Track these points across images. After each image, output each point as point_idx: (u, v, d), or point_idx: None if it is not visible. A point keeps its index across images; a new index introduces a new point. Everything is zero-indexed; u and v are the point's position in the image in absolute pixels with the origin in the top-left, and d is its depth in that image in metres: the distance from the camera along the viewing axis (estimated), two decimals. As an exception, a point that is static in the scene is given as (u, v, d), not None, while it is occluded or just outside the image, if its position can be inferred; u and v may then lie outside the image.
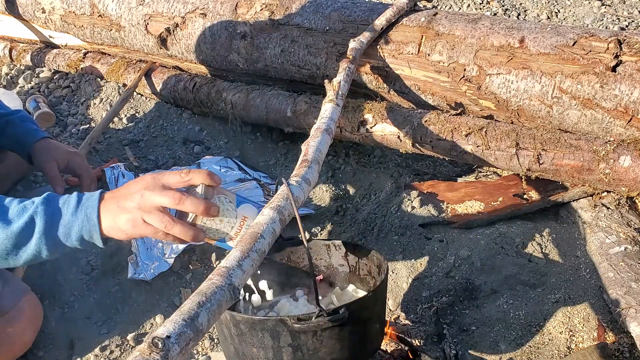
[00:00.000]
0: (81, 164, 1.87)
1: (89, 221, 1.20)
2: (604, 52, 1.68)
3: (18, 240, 1.21)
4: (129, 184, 1.21)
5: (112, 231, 1.21)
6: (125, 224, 1.18)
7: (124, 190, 1.20)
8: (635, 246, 1.67)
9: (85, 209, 1.20)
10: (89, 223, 1.20)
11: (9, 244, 1.21)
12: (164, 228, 1.16)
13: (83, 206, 1.21)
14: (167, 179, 1.19)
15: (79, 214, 1.20)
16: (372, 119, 2.00)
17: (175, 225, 1.17)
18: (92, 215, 1.19)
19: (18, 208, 1.22)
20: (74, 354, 1.69)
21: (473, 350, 1.60)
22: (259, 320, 1.25)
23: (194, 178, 1.19)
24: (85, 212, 1.20)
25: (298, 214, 1.20)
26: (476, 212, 1.93)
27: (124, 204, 1.18)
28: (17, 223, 1.20)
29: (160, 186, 1.18)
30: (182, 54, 2.42)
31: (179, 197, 1.16)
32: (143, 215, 1.17)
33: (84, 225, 1.20)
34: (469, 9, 3.50)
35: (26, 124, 1.86)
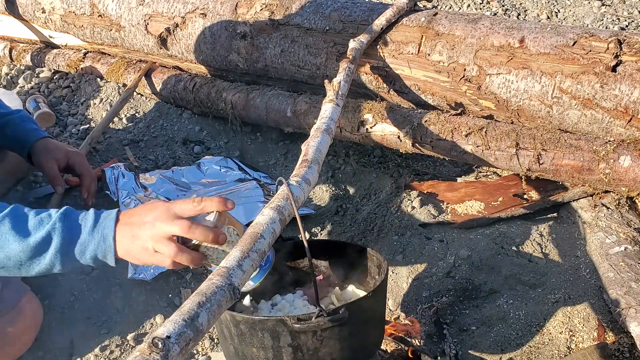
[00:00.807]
0: (81, 163, 1.87)
1: (105, 242, 1.22)
2: (604, 52, 1.68)
3: (33, 253, 1.22)
4: (143, 210, 1.22)
5: (126, 256, 1.23)
6: (139, 253, 1.21)
7: (138, 218, 1.21)
8: (635, 246, 1.67)
9: (102, 229, 1.22)
10: (104, 244, 1.22)
11: (23, 256, 1.22)
12: (172, 257, 1.18)
13: (100, 226, 1.23)
14: (179, 208, 1.20)
15: (95, 234, 1.22)
16: (372, 119, 2.00)
17: (182, 254, 1.18)
18: (108, 237, 1.21)
19: (35, 221, 1.23)
20: (74, 354, 1.69)
21: (473, 350, 1.60)
22: (259, 321, 1.25)
23: (207, 206, 1.20)
24: (102, 233, 1.22)
25: (298, 214, 1.20)
26: (476, 212, 1.93)
27: (138, 233, 1.20)
28: (34, 237, 1.21)
29: (172, 215, 1.19)
30: (182, 54, 2.42)
31: (188, 226, 1.17)
32: (154, 245, 1.19)
33: (100, 246, 1.22)
34: (469, 9, 3.50)
35: (26, 123, 1.86)
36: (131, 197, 2.02)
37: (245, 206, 1.99)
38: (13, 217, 1.23)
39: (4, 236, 1.20)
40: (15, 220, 1.22)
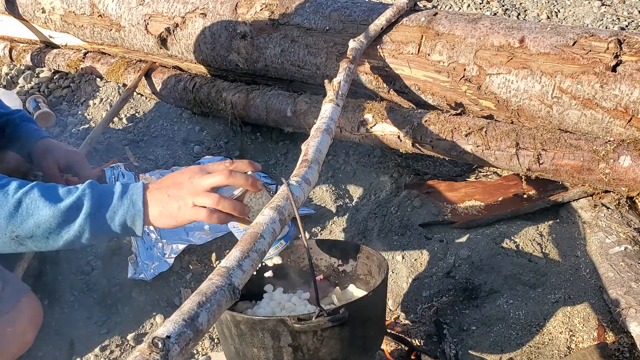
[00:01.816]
0: (81, 163, 1.87)
1: (135, 207, 1.23)
2: (604, 52, 1.68)
3: (64, 219, 1.22)
4: (173, 175, 1.26)
5: (161, 219, 1.24)
6: (177, 210, 1.23)
7: (170, 180, 1.25)
8: (635, 246, 1.67)
9: (131, 196, 1.24)
10: (134, 208, 1.23)
11: (53, 222, 1.22)
12: (214, 205, 1.22)
13: (129, 193, 1.25)
14: (211, 167, 1.26)
15: (124, 200, 1.24)
16: (372, 119, 2.00)
17: (224, 200, 1.22)
18: (137, 202, 1.23)
19: (64, 190, 1.25)
20: (74, 354, 1.69)
21: (473, 350, 1.60)
22: (259, 321, 1.25)
23: (238, 166, 1.25)
24: (131, 199, 1.24)
25: (298, 214, 1.20)
26: (476, 212, 1.93)
27: (174, 192, 1.23)
28: (65, 202, 1.22)
29: (206, 171, 1.24)
30: (182, 54, 2.42)
31: (228, 172, 1.22)
32: (194, 200, 1.22)
33: (129, 210, 1.23)
34: (469, 9, 3.50)
35: (26, 123, 1.86)
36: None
37: (245, 206, 1.99)
38: (42, 186, 1.24)
39: (34, 202, 1.21)
40: (45, 189, 1.24)
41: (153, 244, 1.88)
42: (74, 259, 1.88)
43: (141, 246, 1.87)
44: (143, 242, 1.88)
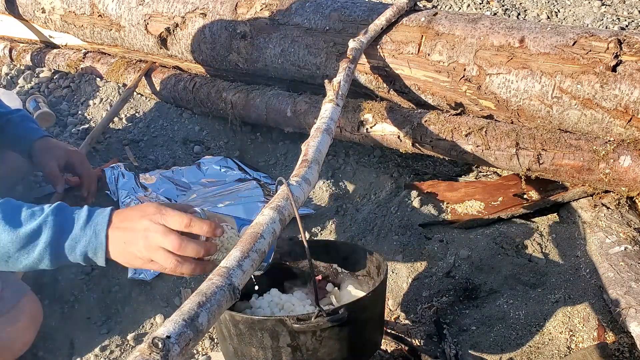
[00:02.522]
0: (81, 162, 1.87)
1: (97, 239, 1.20)
2: (604, 52, 1.68)
3: (23, 244, 1.20)
4: (135, 216, 1.20)
5: (119, 259, 1.21)
6: (133, 260, 1.20)
7: (130, 224, 1.19)
8: (635, 246, 1.67)
9: (95, 226, 1.20)
10: (96, 240, 1.20)
11: (12, 248, 1.20)
12: (172, 269, 1.17)
13: (93, 222, 1.21)
14: (171, 221, 1.18)
15: (87, 230, 1.20)
16: (372, 119, 2.00)
17: (182, 264, 1.17)
18: (100, 234, 1.20)
19: (27, 213, 1.21)
20: (74, 354, 1.69)
21: (473, 350, 1.60)
22: (258, 321, 1.25)
23: (196, 228, 1.18)
24: (95, 229, 1.20)
25: (298, 214, 1.19)
26: (476, 212, 1.93)
27: (131, 241, 1.19)
28: (25, 227, 1.19)
29: (162, 228, 1.17)
30: (182, 54, 2.42)
31: (179, 244, 1.16)
32: (150, 255, 1.18)
33: (91, 242, 1.20)
34: (469, 9, 3.50)
35: (26, 122, 1.86)
36: (131, 197, 2.02)
37: (245, 206, 1.99)
38: (4, 208, 1.21)
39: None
40: (6, 211, 1.20)
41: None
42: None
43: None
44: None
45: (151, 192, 2.08)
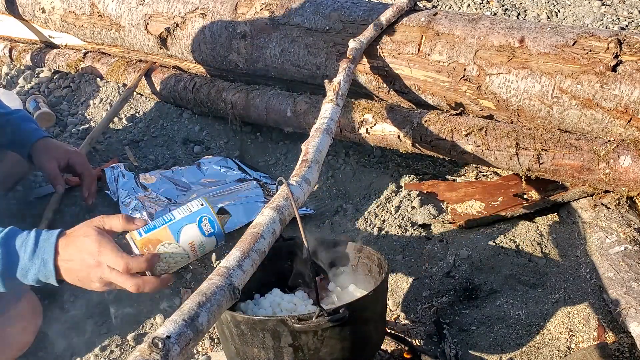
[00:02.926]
0: (82, 163, 1.87)
1: (46, 268, 1.22)
2: (604, 52, 1.68)
3: None
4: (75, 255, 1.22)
5: (76, 284, 1.25)
6: (90, 286, 1.25)
7: (74, 264, 1.22)
8: (635, 246, 1.67)
9: (42, 255, 1.22)
10: (45, 269, 1.23)
11: None
12: (137, 290, 1.21)
13: (39, 252, 1.23)
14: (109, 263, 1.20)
15: (35, 260, 1.22)
16: (372, 119, 2.00)
17: (145, 285, 1.21)
18: (48, 263, 1.22)
19: None
20: (74, 354, 1.69)
21: (473, 350, 1.60)
22: (259, 321, 1.25)
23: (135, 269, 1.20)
24: (42, 258, 1.22)
25: (298, 214, 1.20)
26: (476, 212, 1.93)
27: (83, 278, 1.23)
28: None
29: (104, 266, 1.20)
30: (182, 54, 2.42)
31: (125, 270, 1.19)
32: (109, 283, 1.22)
33: (41, 270, 1.23)
34: (469, 9, 3.50)
35: (26, 123, 1.86)
36: (131, 197, 2.02)
37: (245, 206, 1.99)
38: None
39: None
40: None
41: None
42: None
43: (141, 246, 1.87)
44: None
45: (151, 192, 2.08)
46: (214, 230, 1.23)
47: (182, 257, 1.24)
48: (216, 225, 1.23)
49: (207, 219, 1.23)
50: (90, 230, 1.22)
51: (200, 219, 1.22)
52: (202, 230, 1.23)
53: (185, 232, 1.22)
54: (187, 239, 1.22)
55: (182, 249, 1.22)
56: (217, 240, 1.25)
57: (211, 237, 1.23)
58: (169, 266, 1.24)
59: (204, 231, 1.23)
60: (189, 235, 1.22)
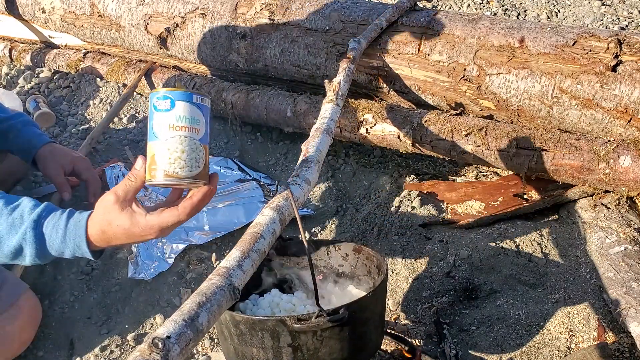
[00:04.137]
0: (87, 168, 1.86)
1: (80, 249, 1.24)
2: (604, 52, 1.68)
3: (11, 258, 1.26)
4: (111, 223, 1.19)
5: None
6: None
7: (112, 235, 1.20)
8: (635, 246, 1.67)
9: (74, 238, 1.23)
10: (80, 250, 1.24)
11: (3, 259, 1.26)
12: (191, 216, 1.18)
13: (70, 235, 1.23)
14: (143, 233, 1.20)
15: (68, 243, 1.23)
16: (372, 119, 2.00)
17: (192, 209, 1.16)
18: (82, 246, 1.23)
19: (7, 223, 1.23)
20: (74, 354, 1.69)
21: (473, 350, 1.60)
22: (258, 321, 1.25)
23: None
24: (75, 242, 1.23)
25: (298, 214, 1.20)
26: (476, 212, 1.93)
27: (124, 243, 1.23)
28: (7, 244, 1.23)
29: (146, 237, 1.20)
30: (182, 54, 2.42)
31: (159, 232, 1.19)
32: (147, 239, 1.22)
33: (76, 251, 1.24)
34: (469, 9, 3.49)
35: (29, 128, 1.85)
36: (131, 197, 2.02)
37: (245, 206, 1.99)
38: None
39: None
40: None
41: (153, 244, 1.88)
42: (74, 259, 1.88)
43: (141, 246, 1.87)
44: (143, 242, 1.88)
45: (151, 191, 2.08)
46: (172, 99, 1.10)
47: (181, 146, 1.11)
48: (170, 94, 1.10)
49: (161, 99, 1.10)
50: (116, 214, 1.18)
51: (155, 107, 1.12)
52: (165, 108, 1.10)
53: (159, 126, 1.11)
54: (166, 129, 1.11)
55: (177, 139, 1.10)
56: (187, 99, 1.11)
57: (174, 106, 1.10)
58: (191, 163, 1.11)
59: (166, 108, 1.10)
60: (164, 124, 1.11)
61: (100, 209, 1.20)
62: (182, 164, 1.11)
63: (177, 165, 1.11)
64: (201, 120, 1.13)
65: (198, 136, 1.12)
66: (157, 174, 1.12)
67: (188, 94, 1.11)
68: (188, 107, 1.11)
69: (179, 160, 1.11)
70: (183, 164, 1.11)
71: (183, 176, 1.11)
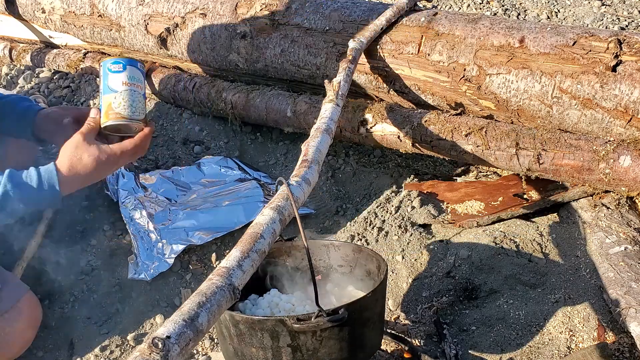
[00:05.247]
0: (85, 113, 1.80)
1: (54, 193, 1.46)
2: (604, 52, 1.68)
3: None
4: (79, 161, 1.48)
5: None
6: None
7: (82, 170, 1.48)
8: (635, 246, 1.67)
9: (48, 180, 1.45)
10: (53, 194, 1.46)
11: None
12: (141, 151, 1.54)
13: (45, 177, 1.46)
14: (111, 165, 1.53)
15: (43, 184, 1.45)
16: (372, 119, 2.00)
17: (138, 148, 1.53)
18: (55, 188, 1.46)
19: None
20: (74, 354, 1.69)
21: (473, 350, 1.60)
22: (258, 321, 1.25)
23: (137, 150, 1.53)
24: (48, 182, 1.45)
25: (298, 214, 1.20)
26: (476, 212, 1.93)
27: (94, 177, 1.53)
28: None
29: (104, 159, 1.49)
30: (182, 54, 2.42)
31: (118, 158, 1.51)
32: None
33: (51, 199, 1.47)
34: (469, 9, 3.50)
35: (22, 102, 1.81)
36: (131, 197, 2.02)
37: (245, 206, 1.99)
38: None
39: None
40: None
41: (153, 244, 1.88)
42: (74, 259, 1.88)
43: (141, 246, 1.88)
44: (143, 242, 1.88)
45: (151, 192, 2.08)
46: (123, 64, 1.50)
47: (131, 96, 1.50)
48: (122, 60, 1.51)
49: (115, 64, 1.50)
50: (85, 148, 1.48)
51: (109, 70, 1.50)
52: (118, 70, 1.50)
53: (115, 83, 1.49)
54: (120, 85, 1.49)
55: (129, 92, 1.50)
56: (133, 64, 1.52)
57: (125, 69, 1.50)
58: (138, 109, 1.51)
59: (119, 70, 1.50)
60: (119, 81, 1.49)
61: (68, 149, 1.47)
62: (132, 109, 1.50)
63: (130, 110, 1.50)
64: (142, 80, 1.54)
65: (141, 91, 1.54)
66: (113, 116, 1.50)
67: (134, 61, 1.54)
68: (135, 70, 1.52)
69: (131, 107, 1.50)
70: (133, 109, 1.50)
71: (132, 118, 1.50)
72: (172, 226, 1.93)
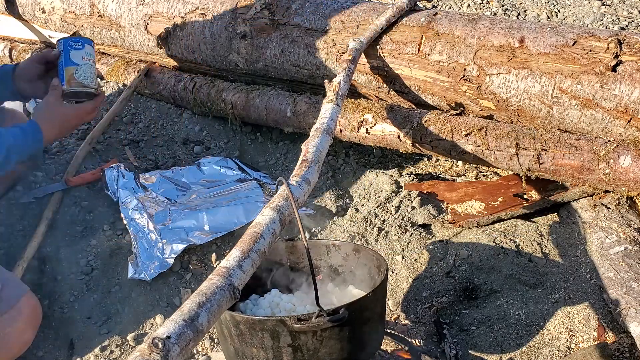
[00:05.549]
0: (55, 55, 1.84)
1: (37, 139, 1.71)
2: (604, 52, 1.68)
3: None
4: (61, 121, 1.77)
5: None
6: None
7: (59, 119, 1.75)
8: (635, 246, 1.67)
9: (32, 134, 1.70)
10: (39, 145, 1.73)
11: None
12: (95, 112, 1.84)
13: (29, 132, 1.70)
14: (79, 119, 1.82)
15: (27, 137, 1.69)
16: (372, 119, 2.00)
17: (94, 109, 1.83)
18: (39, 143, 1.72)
19: None
20: (74, 354, 1.69)
21: (473, 350, 1.60)
22: (258, 321, 1.25)
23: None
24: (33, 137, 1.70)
25: (298, 214, 1.20)
26: (476, 212, 1.93)
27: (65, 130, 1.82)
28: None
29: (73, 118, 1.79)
30: (182, 54, 2.42)
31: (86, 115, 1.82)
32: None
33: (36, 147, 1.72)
34: (469, 9, 3.49)
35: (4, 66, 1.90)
36: (131, 197, 2.02)
37: (245, 206, 1.99)
38: None
39: None
40: None
41: (153, 244, 1.88)
42: (74, 259, 1.88)
43: (141, 246, 1.87)
44: (143, 243, 1.88)
45: (151, 192, 2.08)
46: (82, 42, 1.79)
47: (89, 69, 1.79)
48: (81, 39, 1.80)
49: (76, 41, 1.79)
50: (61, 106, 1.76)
51: (71, 46, 1.77)
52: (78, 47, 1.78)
53: (76, 57, 1.77)
54: (80, 59, 1.78)
55: (87, 65, 1.79)
56: (90, 43, 1.82)
57: (84, 47, 1.79)
58: (93, 79, 1.81)
59: (79, 47, 1.79)
60: (79, 56, 1.78)
61: (47, 110, 1.75)
62: (91, 79, 1.80)
63: (89, 80, 1.79)
64: (94, 57, 1.84)
65: (95, 65, 1.85)
66: (75, 84, 1.78)
67: (90, 40, 1.85)
68: (91, 48, 1.82)
69: (90, 77, 1.80)
70: (91, 79, 1.80)
71: (89, 85, 1.80)
72: (172, 226, 1.93)
